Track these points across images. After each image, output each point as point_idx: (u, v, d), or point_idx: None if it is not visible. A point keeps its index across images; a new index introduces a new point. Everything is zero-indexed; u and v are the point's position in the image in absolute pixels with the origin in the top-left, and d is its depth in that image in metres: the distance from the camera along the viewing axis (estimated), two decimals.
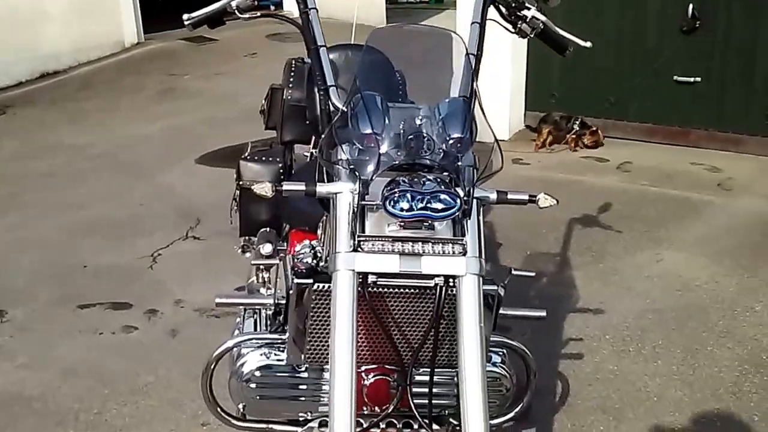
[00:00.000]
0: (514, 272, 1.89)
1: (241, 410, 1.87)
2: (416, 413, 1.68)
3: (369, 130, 1.48)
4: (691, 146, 5.63)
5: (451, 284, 1.50)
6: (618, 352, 3.06)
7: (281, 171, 2.70)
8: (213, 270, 3.77)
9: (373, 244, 1.46)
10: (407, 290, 1.58)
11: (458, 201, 1.44)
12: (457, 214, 1.45)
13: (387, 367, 1.75)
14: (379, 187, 1.45)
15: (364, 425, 1.78)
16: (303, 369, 1.82)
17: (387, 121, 1.49)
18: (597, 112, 5.90)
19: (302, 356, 1.76)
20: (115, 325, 3.30)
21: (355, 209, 1.48)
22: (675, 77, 5.61)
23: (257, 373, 1.81)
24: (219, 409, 1.95)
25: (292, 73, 2.80)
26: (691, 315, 3.31)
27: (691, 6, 5.38)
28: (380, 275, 1.49)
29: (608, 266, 3.76)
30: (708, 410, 2.70)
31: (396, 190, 1.43)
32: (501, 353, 1.89)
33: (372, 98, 1.52)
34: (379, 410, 1.78)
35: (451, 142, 1.48)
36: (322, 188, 1.54)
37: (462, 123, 1.49)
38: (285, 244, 2.55)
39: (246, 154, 2.73)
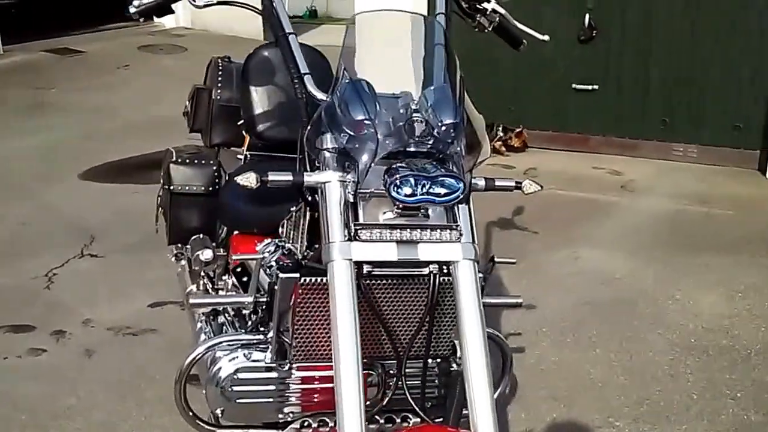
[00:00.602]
0: (496, 260, 1.98)
1: (219, 416, 1.83)
2: (413, 405, 1.70)
3: (362, 117, 1.48)
4: (590, 152, 6.02)
5: (445, 271, 1.56)
6: (557, 343, 3.24)
7: (215, 173, 2.69)
8: (118, 287, 3.68)
9: (371, 233, 1.49)
10: (400, 280, 1.64)
11: (462, 185, 1.48)
12: (460, 198, 1.49)
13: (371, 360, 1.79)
14: (375, 175, 1.48)
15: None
16: (285, 368, 1.80)
17: (378, 108, 1.50)
18: (498, 120, 6.19)
19: (289, 354, 1.76)
20: (20, 348, 3.13)
21: (348, 198, 1.51)
22: (573, 85, 6.01)
23: (237, 376, 1.78)
24: (195, 419, 1.90)
25: (220, 73, 2.82)
26: (619, 306, 3.56)
27: (587, 16, 5.79)
28: (375, 264, 1.52)
29: (531, 265, 3.96)
30: (650, 392, 2.92)
31: (398, 175, 1.44)
32: None
33: (361, 85, 1.53)
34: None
35: (444, 128, 1.50)
36: (309, 178, 1.55)
37: (453, 109, 1.52)
38: (221, 249, 2.56)
39: (175, 158, 2.70)
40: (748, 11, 5.42)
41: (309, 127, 1.63)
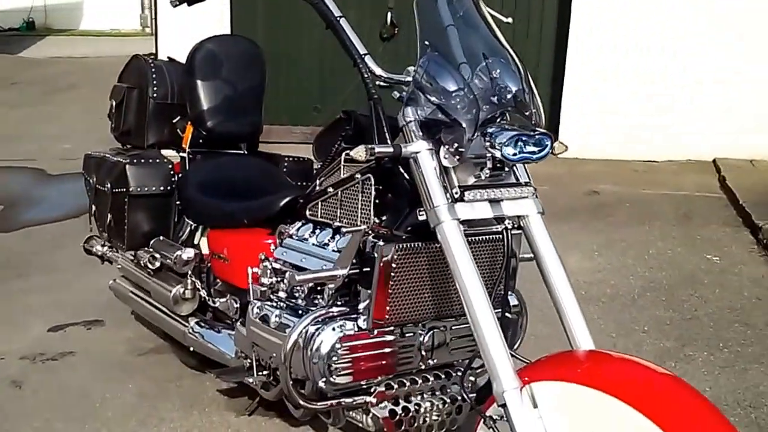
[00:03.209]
0: None
1: (323, 388, 1.86)
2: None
3: (454, 87, 1.62)
4: None
5: (515, 226, 1.72)
6: None
7: (171, 171, 2.64)
8: (10, 312, 3.43)
9: (474, 194, 1.63)
10: (476, 238, 1.82)
11: (550, 142, 1.65)
12: (548, 153, 1.65)
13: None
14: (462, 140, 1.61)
15: (431, 380, 1.97)
16: (375, 333, 1.86)
17: (468, 77, 1.63)
18: (305, 120, 6.41)
19: (386, 318, 1.84)
20: None
21: (443, 164, 1.64)
22: (379, 82, 6.39)
23: (338, 346, 1.82)
24: (302, 397, 1.90)
25: (153, 70, 2.75)
26: None
27: (389, 14, 6.23)
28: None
29: None
30: None
31: (508, 135, 1.57)
32: None
33: (443, 58, 1.66)
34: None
35: (523, 91, 1.66)
36: (406, 149, 1.67)
37: (524, 74, 1.69)
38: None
39: (127, 160, 2.61)
40: None
41: (406, 103, 1.73)
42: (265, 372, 2.10)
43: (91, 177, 2.83)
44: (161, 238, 2.65)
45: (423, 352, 1.92)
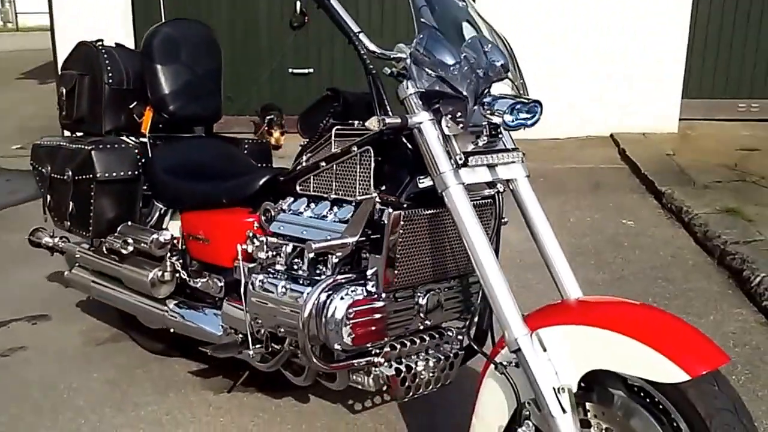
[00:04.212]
0: None
1: (339, 350, 1.92)
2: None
3: (453, 60, 1.73)
4: None
5: (502, 190, 1.87)
6: None
7: (137, 155, 2.63)
8: None
9: (476, 159, 1.75)
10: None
11: (540, 109, 1.76)
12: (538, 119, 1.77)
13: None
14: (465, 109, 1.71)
15: (427, 340, 2.08)
16: (388, 296, 1.95)
17: (466, 51, 1.74)
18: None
19: (393, 282, 1.92)
20: None
21: (445, 132, 1.73)
22: (290, 70, 6.45)
23: (351, 312, 1.89)
24: (320, 360, 1.97)
25: (105, 56, 2.73)
26: None
27: (299, 3, 6.24)
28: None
29: None
30: None
31: (509, 103, 1.69)
32: None
33: (442, 34, 1.76)
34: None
35: (508, 63, 1.79)
36: (412, 120, 1.76)
37: (510, 49, 1.83)
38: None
39: (92, 146, 2.58)
40: None
41: (406, 79, 1.79)
42: (258, 345, 2.16)
43: (44, 167, 2.77)
44: (129, 223, 2.63)
45: (421, 314, 2.02)
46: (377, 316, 1.94)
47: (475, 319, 2.00)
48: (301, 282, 2.02)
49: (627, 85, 6.23)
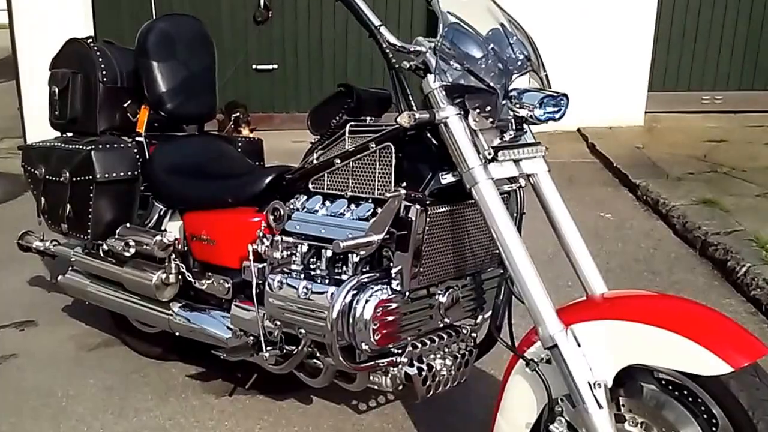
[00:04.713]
0: None
1: (367, 350, 1.90)
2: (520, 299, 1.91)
3: (480, 53, 1.72)
4: (275, 129, 6.42)
5: (524, 185, 1.83)
6: None
7: (136, 155, 2.57)
8: None
9: (504, 154, 1.73)
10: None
11: (566, 102, 1.77)
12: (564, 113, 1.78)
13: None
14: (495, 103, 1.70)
15: (445, 338, 2.05)
16: (407, 295, 1.91)
17: (490, 44, 1.73)
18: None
19: (418, 279, 1.89)
20: None
21: (475, 128, 1.71)
22: (254, 66, 6.36)
23: (378, 311, 1.86)
24: (348, 361, 1.94)
25: (98, 54, 2.65)
26: None
27: None
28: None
29: None
30: None
31: (540, 97, 1.68)
32: None
33: (464, 25, 1.75)
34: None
35: (533, 56, 1.79)
36: (439, 115, 1.73)
37: (532, 41, 1.83)
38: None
39: (91, 147, 2.50)
40: None
41: (430, 73, 1.75)
42: (269, 348, 2.12)
43: (37, 168, 2.67)
44: (128, 225, 2.55)
45: (441, 312, 2.01)
46: (402, 314, 1.93)
47: (498, 315, 1.98)
48: (321, 281, 1.99)
49: (593, 80, 6.29)
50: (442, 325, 2.04)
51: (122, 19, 6.23)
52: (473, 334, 2.14)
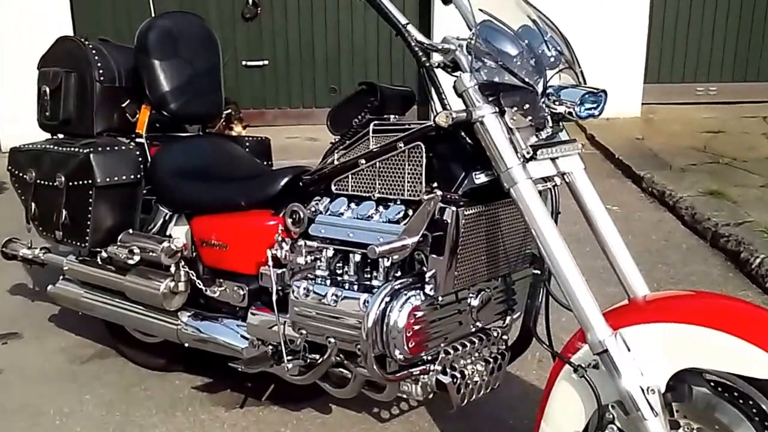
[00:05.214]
0: None
1: (401, 360, 1.82)
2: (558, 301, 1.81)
3: (516, 50, 1.66)
4: (267, 125, 6.30)
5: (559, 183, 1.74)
6: None
7: (139, 157, 2.45)
8: None
9: (543, 153, 1.66)
10: None
11: (605, 97, 1.67)
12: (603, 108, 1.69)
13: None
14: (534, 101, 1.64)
15: (476, 343, 1.97)
16: (441, 300, 1.83)
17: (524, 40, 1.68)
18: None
19: (452, 283, 1.81)
20: None
21: (512, 126, 1.64)
22: (244, 62, 6.24)
23: (412, 318, 1.78)
24: (383, 372, 1.85)
25: (94, 52, 2.53)
26: None
27: None
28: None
29: None
30: None
31: (581, 94, 1.62)
32: None
33: (496, 22, 1.69)
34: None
35: (568, 50, 1.74)
36: (476, 113, 1.65)
37: (564, 36, 1.76)
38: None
39: (89, 149, 2.37)
40: None
41: (463, 71, 1.68)
42: (291, 357, 2.00)
43: (26, 173, 2.54)
44: (130, 231, 2.43)
45: (473, 316, 1.92)
46: (437, 320, 1.85)
47: (531, 317, 1.90)
48: (351, 288, 1.89)
49: (589, 72, 6.17)
50: (473, 329, 1.95)
51: (102, 12, 6.07)
52: (504, 337, 2.05)
